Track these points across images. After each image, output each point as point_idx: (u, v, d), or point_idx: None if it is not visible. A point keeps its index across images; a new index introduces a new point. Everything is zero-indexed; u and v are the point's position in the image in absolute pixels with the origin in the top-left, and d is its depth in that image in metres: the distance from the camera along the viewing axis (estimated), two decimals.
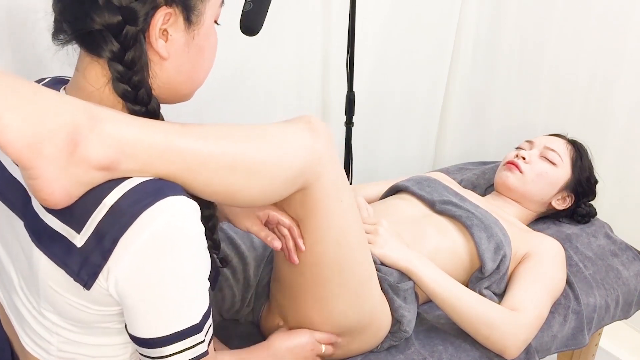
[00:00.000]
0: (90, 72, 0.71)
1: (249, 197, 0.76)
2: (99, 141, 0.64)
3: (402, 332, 1.08)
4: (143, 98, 0.71)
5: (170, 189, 0.67)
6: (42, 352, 0.78)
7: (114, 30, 0.67)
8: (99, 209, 0.65)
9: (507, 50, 1.89)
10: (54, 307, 0.72)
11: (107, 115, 0.66)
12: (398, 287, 1.07)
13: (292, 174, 0.78)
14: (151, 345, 0.69)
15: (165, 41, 0.71)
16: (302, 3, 1.65)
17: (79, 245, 0.65)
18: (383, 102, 1.92)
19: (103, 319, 0.72)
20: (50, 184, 0.63)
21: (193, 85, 0.79)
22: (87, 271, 0.66)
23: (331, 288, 0.94)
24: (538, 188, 1.43)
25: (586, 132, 1.60)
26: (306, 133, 0.80)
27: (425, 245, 1.22)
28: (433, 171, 1.68)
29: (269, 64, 1.66)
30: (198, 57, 0.76)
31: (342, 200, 0.88)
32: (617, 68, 1.66)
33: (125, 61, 0.68)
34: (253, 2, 1.11)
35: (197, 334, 0.70)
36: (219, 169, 0.71)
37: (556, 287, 1.24)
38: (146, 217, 0.64)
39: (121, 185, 0.66)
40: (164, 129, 0.68)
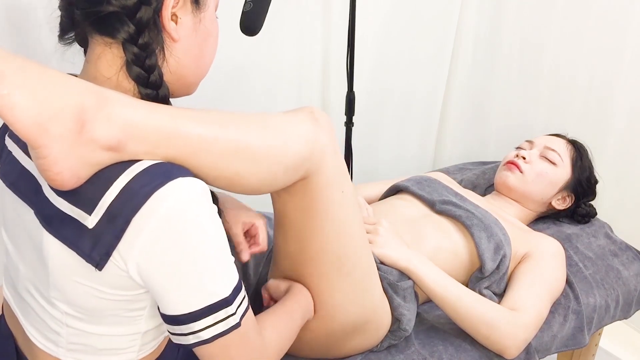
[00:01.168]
0: (102, 60, 0.72)
1: (251, 184, 0.77)
2: (106, 122, 0.65)
3: (401, 331, 1.08)
4: (155, 81, 0.72)
5: (179, 171, 0.68)
6: (50, 345, 0.78)
7: (130, 11, 0.69)
8: (110, 190, 0.66)
9: (507, 50, 1.89)
10: (64, 295, 0.73)
11: (115, 97, 0.67)
12: (398, 286, 1.07)
13: (294, 163, 0.80)
14: (181, 322, 0.70)
15: (175, 24, 0.74)
16: (302, 3, 1.65)
17: (90, 227, 0.66)
18: (383, 101, 1.92)
19: (114, 305, 0.72)
20: (58, 163, 0.64)
21: (199, 73, 0.81)
22: (98, 252, 0.66)
23: (332, 280, 0.95)
24: (538, 188, 1.43)
25: (586, 132, 1.60)
26: (309, 123, 0.82)
27: (425, 245, 1.22)
28: (433, 171, 1.68)
29: (269, 63, 1.66)
30: (205, 42, 0.78)
31: (344, 191, 0.89)
32: (617, 68, 1.66)
33: (140, 43, 0.70)
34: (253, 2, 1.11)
35: (227, 306, 0.71)
36: (224, 154, 0.72)
37: (556, 287, 1.24)
38: (158, 198, 0.65)
39: (131, 168, 0.67)
40: (170, 113, 0.70)
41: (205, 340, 0.71)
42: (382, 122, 1.95)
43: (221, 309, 0.70)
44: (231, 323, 0.72)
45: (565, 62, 1.78)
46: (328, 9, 1.69)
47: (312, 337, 1.01)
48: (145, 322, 0.77)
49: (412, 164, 2.06)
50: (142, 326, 0.77)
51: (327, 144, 0.84)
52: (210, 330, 0.71)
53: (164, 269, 0.67)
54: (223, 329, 0.71)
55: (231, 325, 0.72)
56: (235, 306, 0.72)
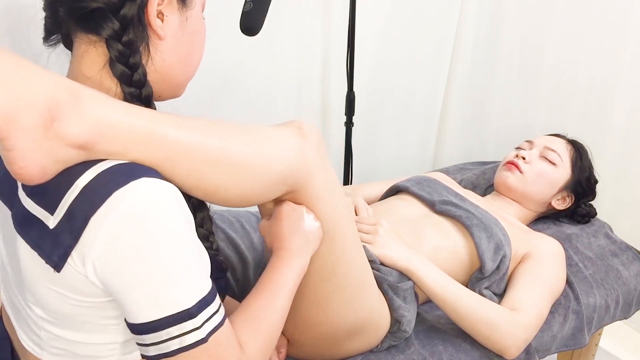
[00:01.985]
0: (86, 58, 0.71)
1: (231, 196, 0.75)
2: (78, 119, 0.63)
3: (401, 332, 1.08)
4: (139, 79, 0.71)
5: (145, 171, 0.66)
6: (35, 347, 0.78)
7: (114, 8, 0.68)
8: (71, 189, 0.64)
9: (507, 50, 1.89)
10: (37, 299, 0.72)
11: (91, 95, 0.65)
12: (398, 287, 1.07)
13: (276, 178, 0.77)
14: (143, 331, 0.67)
15: (161, 22, 0.73)
16: (302, 3, 1.65)
17: (51, 227, 0.65)
18: (383, 101, 1.92)
19: (82, 311, 0.70)
20: (24, 156, 0.62)
21: (186, 73, 0.79)
22: (57, 253, 0.65)
23: (327, 290, 0.94)
24: (538, 188, 1.43)
25: (586, 132, 1.60)
26: (296, 137, 0.80)
27: (425, 246, 1.22)
28: (433, 171, 1.68)
29: (269, 64, 1.66)
30: (191, 41, 0.77)
31: (337, 205, 0.88)
32: (617, 68, 1.66)
33: (124, 40, 0.69)
34: (253, 2, 1.11)
35: (190, 319, 0.67)
36: (202, 162, 0.70)
37: (556, 287, 1.24)
38: (117, 197, 0.63)
39: (95, 167, 0.65)
40: (148, 115, 0.68)
41: (166, 354, 0.67)
42: (382, 122, 1.95)
43: (184, 321, 0.66)
44: (196, 338, 0.67)
45: (565, 62, 1.78)
46: (328, 9, 1.68)
47: (308, 341, 1.01)
48: (123, 331, 0.73)
49: (412, 164, 2.06)
50: (119, 336, 0.74)
51: (314, 158, 0.81)
52: (172, 343, 0.67)
53: (121, 273, 0.65)
54: (187, 343, 0.67)
55: (195, 340, 0.67)
56: (201, 320, 0.68)
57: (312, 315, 0.97)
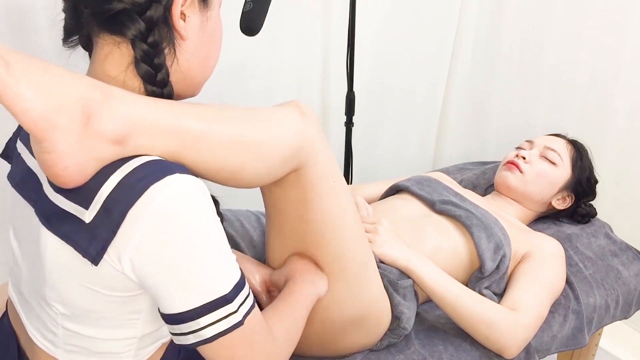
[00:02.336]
0: (109, 59, 0.72)
1: (250, 176, 0.78)
2: (110, 115, 0.65)
3: (401, 329, 1.08)
4: (162, 79, 0.73)
5: (177, 167, 0.68)
6: (48, 345, 0.78)
7: (140, 9, 0.69)
8: (106, 184, 0.65)
9: (507, 50, 1.89)
10: (60, 295, 0.72)
11: (117, 92, 0.67)
12: (397, 284, 1.07)
13: (287, 154, 0.81)
14: (181, 321, 0.69)
15: (184, 22, 0.74)
16: (302, 3, 1.65)
17: (87, 221, 0.66)
18: (383, 101, 1.92)
19: (109, 306, 0.72)
20: (64, 158, 0.63)
21: (205, 73, 0.81)
22: (95, 246, 0.66)
23: (330, 272, 0.95)
24: (538, 188, 1.43)
25: (586, 132, 1.60)
26: (297, 116, 0.83)
27: (425, 245, 1.22)
28: (433, 171, 1.68)
29: (269, 64, 1.66)
30: (211, 42, 0.79)
31: (335, 181, 0.90)
32: (617, 68, 1.66)
33: (150, 41, 0.70)
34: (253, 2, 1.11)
35: (227, 304, 0.70)
36: (223, 147, 0.73)
37: (556, 287, 1.24)
38: (153, 191, 0.65)
39: (129, 163, 0.67)
40: (170, 107, 0.70)
41: (206, 340, 0.70)
42: (382, 122, 1.95)
43: (221, 307, 0.69)
44: (233, 321, 0.70)
45: (565, 62, 1.78)
46: (328, 9, 1.69)
47: (310, 332, 1.01)
48: (142, 326, 0.76)
49: (412, 164, 2.06)
50: (138, 331, 0.76)
51: (315, 135, 0.84)
52: (211, 329, 0.69)
53: (158, 264, 0.66)
54: (224, 328, 0.70)
55: (233, 323, 0.70)
56: (237, 304, 0.71)
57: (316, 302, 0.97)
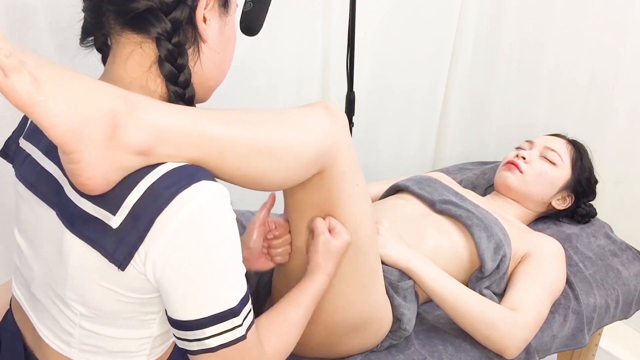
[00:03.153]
0: (131, 60, 0.72)
1: (276, 180, 0.78)
2: (136, 126, 0.66)
3: (402, 331, 1.08)
4: (185, 80, 0.73)
5: (203, 174, 0.69)
6: (62, 345, 0.78)
7: (167, 8, 0.69)
8: (134, 191, 0.66)
9: (507, 50, 1.89)
10: (81, 296, 0.73)
11: (142, 102, 0.68)
12: (398, 286, 1.07)
13: (313, 157, 0.81)
14: (188, 328, 0.70)
15: (205, 25, 0.74)
16: (302, 3, 1.65)
17: (114, 227, 0.67)
18: (383, 101, 1.92)
19: (131, 307, 0.73)
20: (91, 168, 0.64)
21: (219, 77, 0.81)
22: (122, 251, 0.67)
23: (344, 274, 0.95)
24: (538, 188, 1.43)
25: (586, 132, 1.60)
26: (325, 117, 0.83)
27: (425, 245, 1.22)
28: (433, 171, 1.68)
29: (269, 64, 1.66)
30: (227, 46, 0.79)
31: (358, 184, 0.91)
32: (617, 68, 1.66)
33: (174, 41, 0.71)
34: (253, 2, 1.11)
35: (234, 317, 0.70)
36: (247, 153, 0.73)
37: (556, 287, 1.24)
38: (181, 199, 0.65)
39: (156, 170, 0.67)
40: (195, 115, 0.70)
41: (209, 349, 0.71)
42: (382, 122, 1.95)
43: (228, 319, 0.70)
44: (237, 334, 0.71)
45: (565, 62, 1.78)
46: (328, 9, 1.68)
47: (312, 334, 1.02)
48: (158, 326, 0.77)
49: (412, 164, 2.06)
50: (154, 330, 0.77)
51: (342, 137, 0.85)
52: (215, 339, 0.70)
53: (180, 271, 0.67)
54: (229, 340, 0.71)
55: (237, 336, 0.71)
56: (242, 317, 0.72)
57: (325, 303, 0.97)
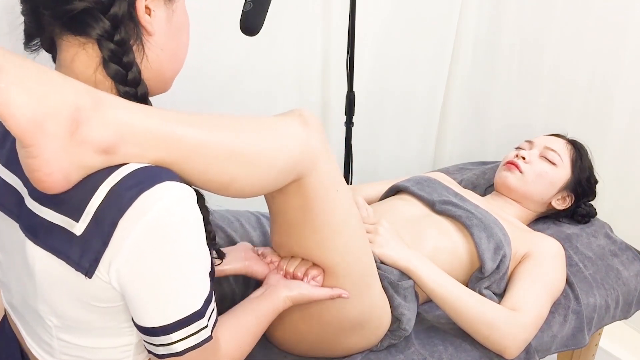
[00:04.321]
0: (77, 62, 0.70)
1: (243, 188, 0.76)
2: (100, 123, 0.64)
3: (401, 331, 1.08)
4: (134, 78, 0.70)
5: (166, 175, 0.67)
6: (46, 355, 0.78)
7: (103, 7, 0.67)
8: (96, 195, 0.64)
9: (507, 50, 1.89)
10: (52, 308, 0.72)
11: (109, 99, 0.66)
12: (398, 286, 1.07)
13: (285, 166, 0.79)
14: (155, 334, 0.69)
15: (149, 16, 0.72)
16: (302, 3, 1.65)
17: (78, 234, 0.65)
18: (383, 102, 1.92)
19: (102, 317, 0.71)
20: (50, 164, 0.62)
21: (175, 67, 0.79)
22: (88, 258, 0.65)
23: (331, 278, 0.95)
24: (538, 188, 1.43)
25: (586, 132, 1.60)
26: (299, 125, 0.81)
27: (425, 245, 1.22)
28: (433, 171, 1.68)
29: (269, 64, 1.66)
30: (179, 34, 0.77)
31: (338, 190, 0.89)
32: (617, 68, 1.66)
33: (116, 39, 0.68)
34: (253, 2, 1.11)
35: (200, 319, 0.70)
36: (216, 158, 0.71)
37: (556, 287, 1.24)
38: (144, 201, 0.64)
39: (118, 171, 0.65)
40: (163, 116, 0.68)
41: (176, 353, 0.70)
42: (382, 122, 1.95)
43: (193, 322, 0.69)
44: (203, 336, 0.71)
45: (565, 62, 1.78)
46: (328, 9, 1.69)
47: (310, 334, 1.01)
48: (137, 333, 0.75)
49: (412, 164, 2.06)
50: (133, 337, 0.76)
51: (317, 145, 0.83)
52: (182, 344, 0.70)
53: (144, 279, 0.66)
54: (195, 342, 0.70)
55: (204, 338, 0.71)
56: (207, 317, 0.71)
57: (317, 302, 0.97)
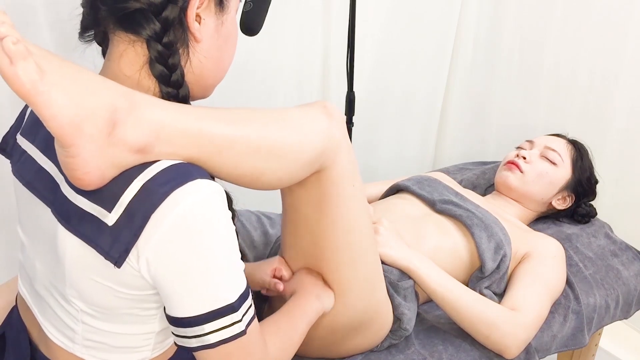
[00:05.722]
0: (125, 58, 0.73)
1: (272, 180, 0.78)
2: (135, 124, 0.66)
3: (402, 330, 1.08)
4: (177, 80, 0.73)
5: (198, 172, 0.69)
6: (66, 341, 0.79)
7: (156, 9, 0.69)
8: (129, 188, 0.66)
9: (507, 50, 1.89)
10: (80, 293, 0.73)
11: (144, 100, 0.68)
12: (398, 285, 1.07)
13: (311, 157, 0.81)
14: (186, 325, 0.70)
15: (199, 24, 0.74)
16: (302, 3, 1.65)
17: (110, 224, 0.67)
18: (383, 102, 1.92)
19: (129, 304, 0.73)
20: (87, 163, 0.64)
21: (218, 75, 0.81)
22: (118, 249, 0.67)
23: (344, 275, 0.95)
24: (538, 188, 1.43)
25: (586, 132, 1.60)
26: (323, 117, 0.83)
27: (425, 245, 1.22)
28: (433, 171, 1.68)
29: (269, 64, 1.66)
30: (225, 44, 0.79)
31: (354, 185, 0.90)
32: (617, 68, 1.66)
33: (165, 42, 0.71)
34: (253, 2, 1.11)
35: (233, 313, 0.71)
36: (246, 153, 0.73)
37: (556, 287, 1.24)
38: (176, 197, 0.66)
39: (151, 167, 0.67)
40: (195, 114, 0.71)
41: (208, 345, 0.71)
42: (382, 122, 1.95)
43: (227, 315, 0.70)
44: (236, 330, 0.72)
45: (565, 62, 1.78)
46: (328, 9, 1.69)
47: (314, 335, 1.01)
48: (159, 321, 0.77)
49: (412, 164, 2.06)
50: (156, 325, 0.77)
51: (341, 138, 0.85)
52: (215, 335, 0.71)
53: (174, 269, 0.67)
54: (228, 335, 0.71)
55: (236, 332, 0.72)
56: (242, 313, 0.72)
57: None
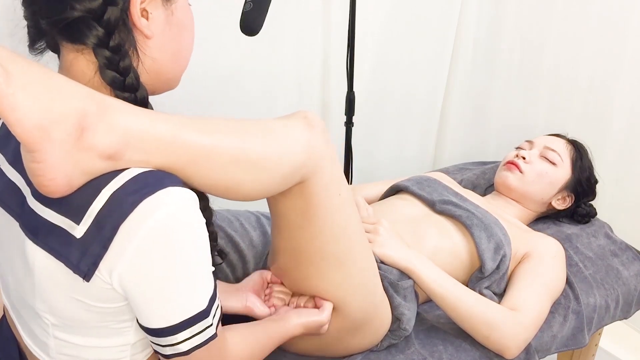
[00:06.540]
0: (76, 67, 0.70)
1: (248, 191, 0.76)
2: (106, 130, 0.64)
3: (401, 330, 1.08)
4: (132, 84, 0.70)
5: (169, 180, 0.67)
6: (42, 354, 0.78)
7: (96, 14, 0.66)
8: (98, 198, 0.64)
9: (507, 50, 1.89)
10: (50, 307, 0.72)
11: (116, 105, 0.66)
12: (398, 285, 1.07)
13: (290, 169, 0.79)
14: (161, 334, 0.70)
15: (146, 20, 0.71)
16: (302, 3, 1.65)
17: (78, 236, 0.65)
18: (383, 102, 1.92)
19: (101, 317, 0.71)
20: (54, 169, 0.62)
21: (178, 67, 0.78)
22: (86, 262, 0.65)
23: (332, 280, 0.95)
24: (538, 188, 1.43)
25: (586, 132, 1.60)
26: (304, 128, 0.81)
27: (425, 245, 1.22)
28: (433, 171, 1.68)
29: (269, 64, 1.66)
30: (180, 33, 0.76)
31: (340, 194, 0.89)
32: (616, 68, 1.66)
33: (111, 46, 0.67)
34: (253, 2, 1.11)
35: (205, 318, 0.70)
36: (222, 163, 0.71)
37: (556, 287, 1.24)
38: (146, 207, 0.64)
39: (120, 176, 0.65)
40: (169, 121, 0.68)
41: (182, 353, 0.71)
42: (382, 122, 1.95)
43: (199, 321, 0.70)
44: (209, 334, 0.72)
45: (565, 62, 1.78)
46: (328, 9, 1.69)
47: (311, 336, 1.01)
48: (134, 333, 0.75)
49: (412, 164, 2.06)
50: (130, 337, 0.76)
51: (322, 148, 0.83)
52: (188, 343, 0.70)
53: (147, 282, 0.66)
54: (201, 341, 0.71)
55: (209, 336, 0.72)
56: (212, 316, 0.72)
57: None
